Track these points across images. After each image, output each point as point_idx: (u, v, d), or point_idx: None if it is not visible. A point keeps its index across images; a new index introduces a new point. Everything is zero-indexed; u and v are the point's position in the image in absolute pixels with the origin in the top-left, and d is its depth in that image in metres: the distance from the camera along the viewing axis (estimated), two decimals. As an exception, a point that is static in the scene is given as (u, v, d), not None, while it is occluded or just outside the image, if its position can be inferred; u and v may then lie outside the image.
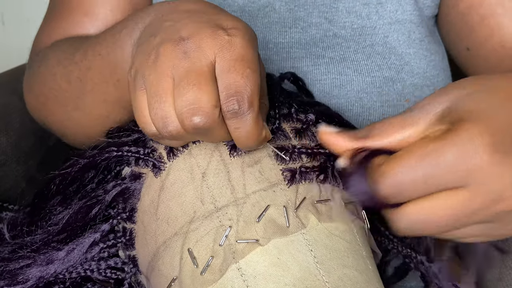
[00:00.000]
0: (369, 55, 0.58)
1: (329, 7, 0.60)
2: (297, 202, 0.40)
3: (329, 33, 0.59)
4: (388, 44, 0.59)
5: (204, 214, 0.40)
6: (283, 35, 0.59)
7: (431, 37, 0.62)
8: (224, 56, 0.36)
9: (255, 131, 0.38)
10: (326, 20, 0.60)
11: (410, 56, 0.59)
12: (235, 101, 0.36)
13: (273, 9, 0.60)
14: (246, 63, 0.37)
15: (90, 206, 0.46)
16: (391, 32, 0.59)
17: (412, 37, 0.60)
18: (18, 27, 1.12)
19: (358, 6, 0.60)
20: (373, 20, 0.60)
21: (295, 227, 0.38)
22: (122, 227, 0.46)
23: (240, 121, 0.37)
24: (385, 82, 0.57)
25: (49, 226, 0.48)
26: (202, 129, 0.36)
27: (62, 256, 0.46)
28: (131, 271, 0.46)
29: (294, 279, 0.36)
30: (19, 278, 0.45)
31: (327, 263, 0.37)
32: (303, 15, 0.60)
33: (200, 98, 0.36)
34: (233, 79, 0.36)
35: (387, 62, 0.58)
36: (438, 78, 0.61)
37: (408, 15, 0.61)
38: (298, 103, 0.48)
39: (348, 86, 0.56)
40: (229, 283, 0.37)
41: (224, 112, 0.36)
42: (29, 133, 0.67)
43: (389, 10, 0.60)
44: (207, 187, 0.40)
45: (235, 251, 0.38)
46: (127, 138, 0.47)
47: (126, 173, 0.46)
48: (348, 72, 0.57)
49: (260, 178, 0.40)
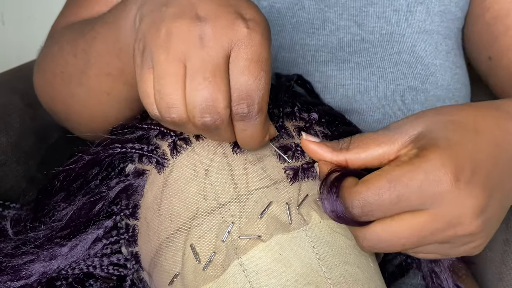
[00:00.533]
0: (395, 63, 0.58)
1: (359, 10, 0.60)
2: (300, 199, 0.40)
3: (357, 38, 0.59)
4: (415, 53, 0.59)
5: (207, 210, 0.40)
6: (311, 36, 0.59)
7: (457, 50, 0.62)
8: (240, 52, 0.35)
9: (260, 134, 0.38)
10: (355, 24, 0.59)
11: (436, 67, 0.59)
12: (245, 105, 0.36)
13: (303, 7, 0.60)
14: (261, 65, 0.36)
15: (93, 202, 0.46)
16: (419, 41, 0.59)
17: (439, 48, 0.60)
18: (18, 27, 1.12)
19: (388, 12, 0.60)
20: (402, 28, 0.60)
21: (297, 223, 0.39)
22: (125, 223, 0.46)
23: (247, 124, 0.37)
24: (409, 91, 0.57)
25: (53, 222, 0.48)
26: (212, 128, 0.36)
27: (65, 252, 0.46)
28: (133, 268, 0.46)
29: (296, 275, 0.36)
30: (22, 274, 0.46)
31: (329, 259, 0.38)
32: (332, 16, 0.60)
33: (216, 97, 0.35)
34: (246, 81, 0.36)
35: (413, 71, 0.58)
36: (460, 93, 0.60)
37: (435, 26, 0.60)
38: (301, 102, 0.48)
39: (372, 92, 0.56)
40: (231, 279, 0.37)
41: (234, 113, 0.36)
42: (29, 133, 0.67)
43: (418, 19, 0.60)
44: (210, 184, 0.40)
45: (237, 247, 0.38)
46: (131, 135, 0.47)
47: (130, 170, 0.46)
48: (373, 78, 0.57)
49: (263, 176, 0.41)
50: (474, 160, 0.35)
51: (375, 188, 0.34)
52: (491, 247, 0.57)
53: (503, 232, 0.56)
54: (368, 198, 0.34)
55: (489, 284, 0.58)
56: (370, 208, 0.35)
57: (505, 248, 0.55)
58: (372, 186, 0.34)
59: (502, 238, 0.56)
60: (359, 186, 0.35)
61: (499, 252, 0.56)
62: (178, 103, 0.36)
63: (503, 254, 0.56)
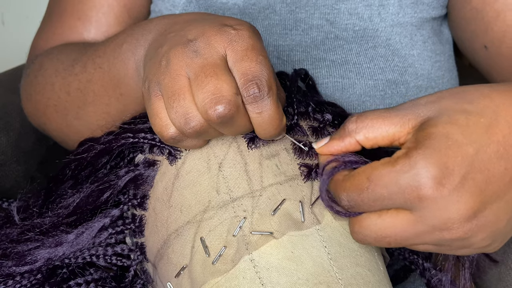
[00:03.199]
0: (371, 58, 0.57)
1: (330, 8, 0.59)
2: (313, 198, 0.40)
3: (330, 36, 0.58)
4: (391, 46, 0.58)
5: (219, 204, 0.39)
6: (284, 37, 0.58)
7: (435, 38, 0.61)
8: (235, 48, 0.37)
9: (277, 115, 0.38)
10: (327, 22, 0.59)
11: (414, 57, 0.58)
12: (254, 85, 0.36)
13: (274, 11, 0.59)
14: (258, 51, 0.37)
15: (101, 190, 0.45)
16: (393, 34, 0.59)
17: (415, 39, 0.59)
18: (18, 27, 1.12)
19: (360, 7, 0.59)
20: (375, 23, 0.59)
21: (310, 222, 0.38)
22: (131, 213, 0.46)
23: (261, 104, 0.37)
24: (388, 85, 0.57)
25: (59, 209, 0.48)
26: (227, 118, 0.36)
27: (71, 239, 0.45)
28: (137, 259, 0.45)
29: (308, 273, 0.36)
30: (27, 259, 0.45)
31: (341, 260, 0.37)
32: (304, 16, 0.59)
33: (221, 87, 0.36)
34: (248, 66, 0.37)
35: (390, 64, 0.57)
36: (443, 79, 0.60)
37: (409, 18, 0.59)
38: (314, 102, 0.48)
39: (351, 89, 0.56)
40: (241, 274, 0.37)
41: (245, 97, 0.37)
42: (29, 133, 0.67)
43: (391, 13, 0.59)
44: (223, 178, 0.40)
45: (248, 243, 0.37)
46: (143, 125, 0.47)
47: (139, 160, 0.46)
48: (350, 75, 0.56)
49: (277, 172, 0.40)
50: (470, 164, 0.33)
51: (355, 185, 0.34)
52: None
53: None
54: (350, 193, 0.35)
55: (489, 284, 0.58)
56: (354, 203, 0.35)
57: (505, 248, 0.55)
58: (353, 182, 0.34)
59: None
60: (346, 181, 0.35)
61: (499, 252, 0.56)
62: (192, 109, 0.37)
63: (503, 254, 0.55)
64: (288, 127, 0.44)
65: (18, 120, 0.65)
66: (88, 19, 0.60)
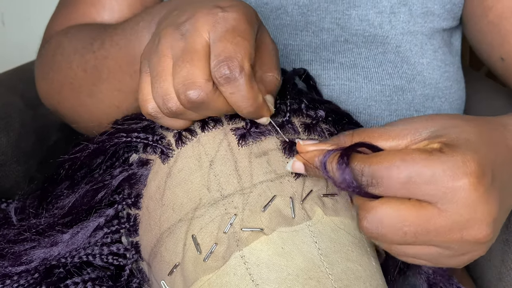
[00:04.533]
0: (380, 63, 0.57)
1: (341, 13, 0.60)
2: (304, 194, 0.40)
3: (340, 39, 0.59)
4: (400, 53, 0.58)
5: (210, 202, 0.39)
6: (294, 37, 0.59)
7: (445, 48, 0.61)
8: (216, 29, 0.38)
9: (250, 94, 0.38)
10: (338, 26, 0.59)
11: (423, 66, 0.58)
12: (225, 65, 0.36)
13: (286, 11, 0.60)
14: (237, 32, 0.37)
15: (96, 190, 0.46)
16: (403, 42, 0.59)
17: (425, 48, 0.59)
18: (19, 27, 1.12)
19: (371, 14, 0.59)
20: (385, 30, 0.59)
21: (301, 218, 0.38)
22: (126, 213, 0.46)
23: (233, 86, 0.37)
24: (395, 91, 0.57)
25: (55, 209, 0.48)
26: (197, 103, 0.38)
27: (66, 238, 0.46)
28: (132, 258, 0.46)
29: (298, 269, 0.36)
30: (22, 259, 0.45)
31: (331, 255, 0.37)
32: (315, 19, 0.59)
33: (193, 73, 0.37)
34: (223, 46, 0.37)
35: (398, 70, 0.57)
36: (451, 90, 0.60)
37: (419, 27, 0.60)
38: (308, 99, 0.48)
39: (357, 93, 0.56)
40: (232, 271, 0.37)
41: (216, 78, 0.37)
42: (29, 133, 0.67)
43: (402, 21, 0.59)
44: (214, 175, 0.40)
45: (239, 239, 0.38)
46: (136, 125, 0.47)
47: (134, 159, 0.46)
48: (358, 78, 0.56)
49: (268, 169, 0.40)
50: (493, 167, 0.33)
51: (387, 162, 0.33)
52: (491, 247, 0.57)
53: (503, 232, 0.55)
54: (378, 169, 0.33)
55: (489, 284, 0.58)
56: (378, 180, 0.33)
57: (505, 248, 0.55)
58: (385, 159, 0.33)
59: (502, 238, 0.55)
60: (373, 157, 0.34)
61: (499, 252, 0.56)
62: (171, 91, 0.38)
63: (503, 254, 0.55)
64: (279, 124, 0.44)
65: (18, 120, 0.66)
66: (101, 5, 0.61)
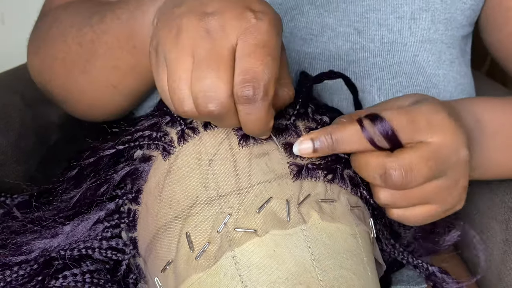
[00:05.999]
0: (395, 74, 0.56)
1: (360, 16, 0.57)
2: (301, 198, 0.39)
3: (356, 46, 0.57)
4: (416, 63, 0.56)
5: (206, 200, 0.39)
6: (308, 43, 0.57)
7: (462, 59, 0.60)
8: (247, 39, 0.36)
9: (265, 119, 0.37)
10: (355, 31, 0.57)
11: (439, 78, 0.57)
12: (250, 87, 0.35)
13: (301, 12, 0.57)
14: (268, 49, 0.36)
15: (99, 184, 0.46)
16: (421, 51, 0.57)
17: (443, 58, 0.58)
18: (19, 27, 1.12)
19: (391, 19, 0.57)
20: (404, 36, 0.57)
21: (296, 222, 0.38)
22: (127, 208, 0.46)
23: (252, 107, 0.36)
24: None
25: (59, 203, 0.49)
26: (214, 116, 0.37)
27: (67, 230, 0.46)
28: (130, 253, 0.46)
29: (288, 273, 0.35)
30: (23, 249, 0.46)
31: (324, 262, 0.36)
32: (332, 22, 0.57)
33: (217, 86, 0.35)
34: (252, 64, 0.35)
35: (413, 83, 0.55)
36: None
37: (439, 35, 0.58)
38: (314, 104, 0.48)
39: (369, 104, 0.54)
40: (222, 271, 0.36)
41: (238, 96, 0.36)
42: (29, 133, 0.66)
43: (422, 28, 0.57)
44: (213, 174, 0.40)
45: (232, 239, 0.37)
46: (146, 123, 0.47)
47: (138, 155, 0.46)
48: (371, 90, 0.55)
49: (266, 170, 0.40)
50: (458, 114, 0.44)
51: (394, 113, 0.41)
52: (491, 247, 0.56)
53: (503, 232, 0.54)
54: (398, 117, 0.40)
55: (489, 284, 0.56)
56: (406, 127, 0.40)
57: (505, 248, 0.54)
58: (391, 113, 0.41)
59: (502, 238, 0.54)
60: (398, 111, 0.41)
61: (499, 252, 0.54)
62: (186, 95, 0.37)
63: (503, 254, 0.54)
64: (284, 126, 0.43)
65: (18, 120, 0.65)
66: None
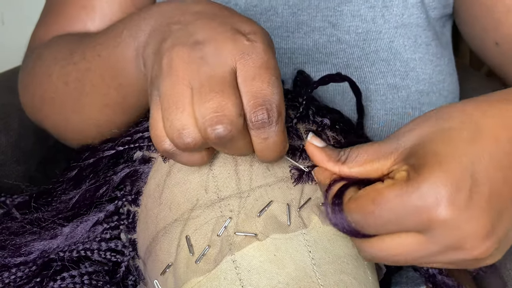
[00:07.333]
0: (373, 62, 0.56)
1: (333, 10, 0.58)
2: (302, 202, 0.39)
3: (332, 39, 0.58)
4: (393, 50, 0.57)
5: (206, 203, 0.39)
6: (286, 40, 0.58)
7: (437, 41, 0.60)
8: (247, 63, 0.34)
9: (283, 142, 0.35)
10: (330, 24, 0.58)
11: (416, 61, 0.57)
12: (264, 110, 0.34)
13: (276, 13, 0.58)
14: (271, 70, 0.35)
15: (98, 186, 0.46)
16: (396, 36, 0.58)
17: (419, 41, 0.58)
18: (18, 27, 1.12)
19: (363, 9, 0.58)
20: (378, 24, 0.58)
21: (296, 226, 0.38)
22: (126, 209, 0.46)
23: (268, 131, 0.34)
24: (389, 89, 0.56)
25: (59, 204, 0.49)
26: (226, 139, 0.34)
27: (66, 232, 0.46)
28: (129, 255, 0.45)
29: (289, 278, 0.35)
30: (22, 250, 0.46)
31: (325, 266, 0.36)
32: (306, 19, 0.58)
33: (225, 105, 0.33)
34: (259, 87, 0.34)
35: (391, 68, 0.56)
36: (444, 84, 0.59)
37: (414, 19, 0.58)
38: (315, 106, 0.48)
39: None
40: (222, 275, 0.36)
41: (252, 122, 0.34)
42: (29, 133, 0.66)
43: (395, 14, 0.58)
44: (213, 177, 0.40)
45: (232, 243, 0.37)
46: (145, 125, 0.47)
47: (138, 157, 0.46)
48: None
49: (267, 174, 0.40)
50: (471, 176, 0.31)
51: (360, 208, 0.33)
52: None
53: None
54: (356, 216, 0.33)
55: (489, 286, 0.56)
56: (361, 226, 0.33)
57: None
58: (358, 205, 0.33)
59: None
60: (351, 202, 0.33)
61: None
62: (189, 124, 0.34)
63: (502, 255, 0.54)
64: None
65: (17, 120, 0.65)
66: (92, 8, 0.57)
